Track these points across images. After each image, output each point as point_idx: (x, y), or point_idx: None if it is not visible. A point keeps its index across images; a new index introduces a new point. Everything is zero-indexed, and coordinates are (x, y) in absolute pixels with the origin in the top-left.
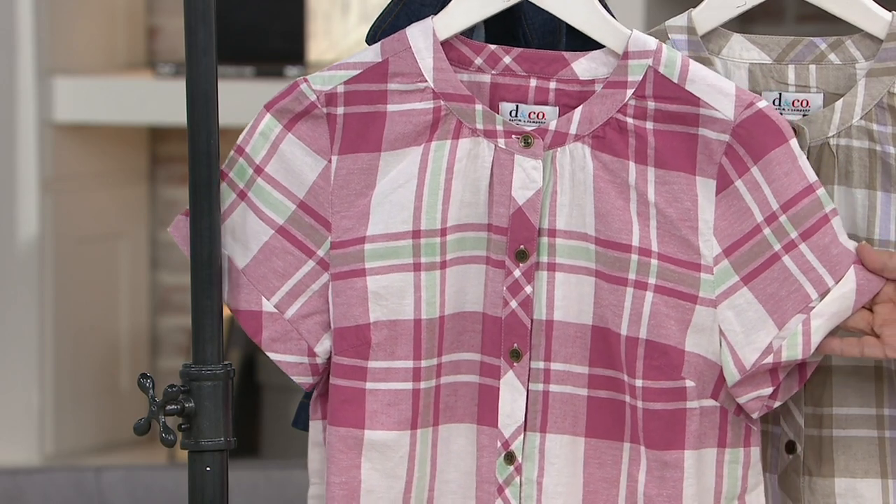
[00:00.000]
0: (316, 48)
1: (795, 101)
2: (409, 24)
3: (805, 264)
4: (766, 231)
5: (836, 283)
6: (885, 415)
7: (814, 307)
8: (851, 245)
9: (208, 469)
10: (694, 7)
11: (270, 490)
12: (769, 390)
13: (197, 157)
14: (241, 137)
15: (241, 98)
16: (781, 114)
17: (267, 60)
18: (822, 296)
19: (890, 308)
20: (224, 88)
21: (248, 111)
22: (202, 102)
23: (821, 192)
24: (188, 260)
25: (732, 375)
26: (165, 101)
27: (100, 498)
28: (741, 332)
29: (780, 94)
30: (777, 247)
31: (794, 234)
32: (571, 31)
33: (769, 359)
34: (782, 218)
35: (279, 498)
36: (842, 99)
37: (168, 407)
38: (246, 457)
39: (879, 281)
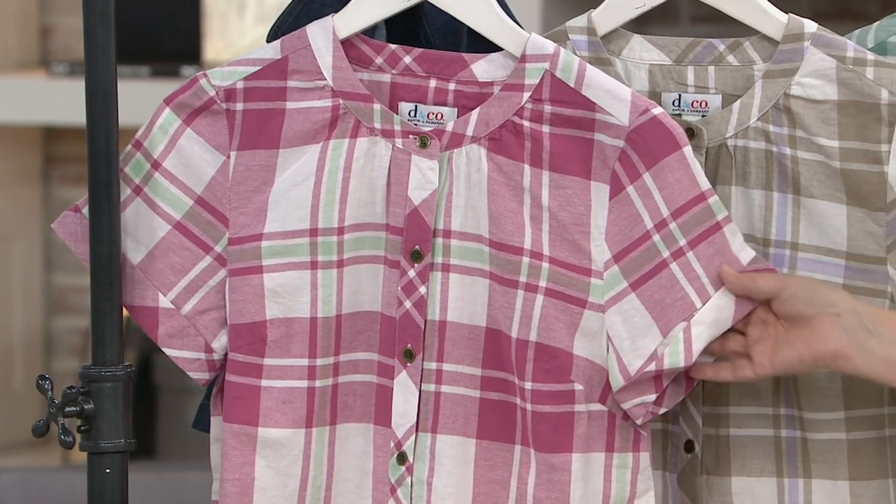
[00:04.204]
0: (212, 48)
1: (695, 102)
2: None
3: (691, 272)
4: (656, 238)
5: (717, 291)
6: (781, 414)
7: (695, 315)
8: (746, 252)
9: (108, 471)
10: (592, 8)
11: (167, 491)
12: (653, 397)
13: (96, 158)
14: (139, 132)
15: (136, 98)
16: (681, 115)
17: (163, 60)
18: (705, 304)
19: (760, 328)
20: (120, 88)
21: (144, 111)
22: (101, 102)
23: (713, 200)
24: (83, 261)
25: (617, 381)
26: (60, 101)
27: None
28: (627, 339)
29: (680, 95)
30: (666, 254)
31: (682, 242)
32: (473, 32)
33: (652, 366)
34: (672, 225)
35: (176, 499)
36: (739, 100)
37: (67, 408)
38: (142, 458)
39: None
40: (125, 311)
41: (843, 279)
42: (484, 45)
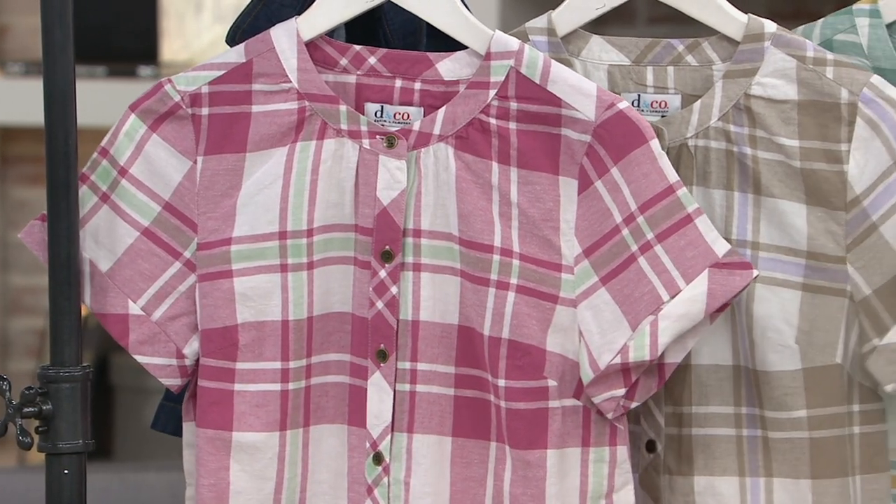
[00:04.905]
0: (169, 48)
1: (654, 103)
2: (268, 25)
3: (659, 266)
4: (625, 232)
5: (688, 285)
6: (743, 413)
7: (662, 309)
8: (721, 244)
9: (66, 472)
10: (550, 9)
11: (124, 492)
12: (622, 391)
13: (54, 158)
14: (105, 139)
15: (93, 98)
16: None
17: (119, 60)
18: (674, 297)
19: None
20: (76, 88)
21: (100, 111)
22: (59, 102)
23: (682, 192)
24: (40, 262)
25: (587, 375)
26: (15, 101)
27: None
28: (597, 333)
29: (639, 96)
30: (634, 248)
31: (650, 235)
32: (432, 32)
33: (617, 359)
34: (640, 219)
35: (133, 500)
36: (699, 100)
37: (25, 409)
38: (99, 459)
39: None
40: (83, 311)
41: (803, 278)
42: (443, 45)
